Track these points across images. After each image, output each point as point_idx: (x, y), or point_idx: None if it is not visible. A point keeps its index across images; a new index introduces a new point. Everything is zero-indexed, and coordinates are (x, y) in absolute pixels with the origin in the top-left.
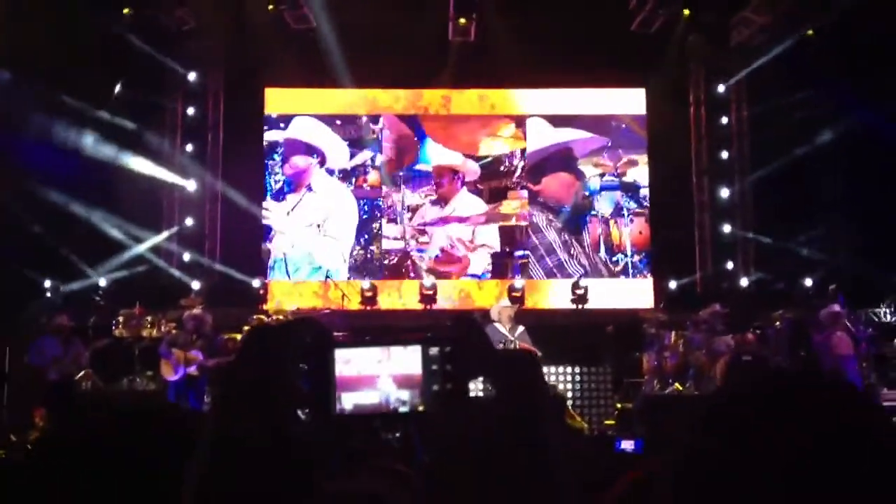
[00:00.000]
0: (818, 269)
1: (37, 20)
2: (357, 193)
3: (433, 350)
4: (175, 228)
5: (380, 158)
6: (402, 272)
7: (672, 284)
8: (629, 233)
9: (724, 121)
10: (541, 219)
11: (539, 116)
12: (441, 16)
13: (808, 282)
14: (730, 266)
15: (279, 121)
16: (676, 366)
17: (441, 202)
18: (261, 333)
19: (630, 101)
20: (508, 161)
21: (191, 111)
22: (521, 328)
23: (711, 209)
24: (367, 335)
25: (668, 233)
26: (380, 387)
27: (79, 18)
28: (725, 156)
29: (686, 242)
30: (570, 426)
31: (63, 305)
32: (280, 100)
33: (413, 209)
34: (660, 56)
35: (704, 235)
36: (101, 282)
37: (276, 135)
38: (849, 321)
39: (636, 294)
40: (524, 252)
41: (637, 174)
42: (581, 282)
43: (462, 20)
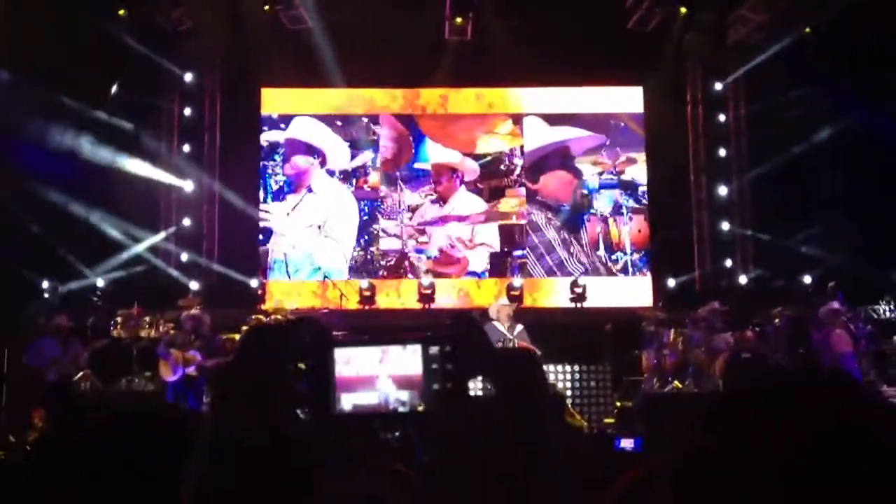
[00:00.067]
0: (817, 267)
1: (36, 20)
2: (357, 195)
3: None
4: (173, 229)
5: (378, 159)
6: (401, 272)
7: (671, 282)
8: (628, 231)
9: (722, 119)
10: (540, 217)
11: (536, 115)
12: (437, 15)
13: (807, 279)
14: (728, 264)
15: (279, 121)
16: (676, 364)
17: (440, 201)
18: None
19: (628, 100)
20: (508, 160)
21: (187, 112)
22: (520, 327)
23: (710, 207)
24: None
25: (667, 231)
26: (379, 387)
27: (77, 19)
28: (723, 154)
29: (685, 240)
30: (570, 425)
31: (61, 306)
32: (276, 100)
33: (413, 209)
34: (657, 54)
35: (703, 233)
36: (99, 282)
37: (277, 135)
38: (848, 318)
39: (635, 292)
40: (523, 251)
41: (636, 172)
42: (580, 280)
43: (458, 19)
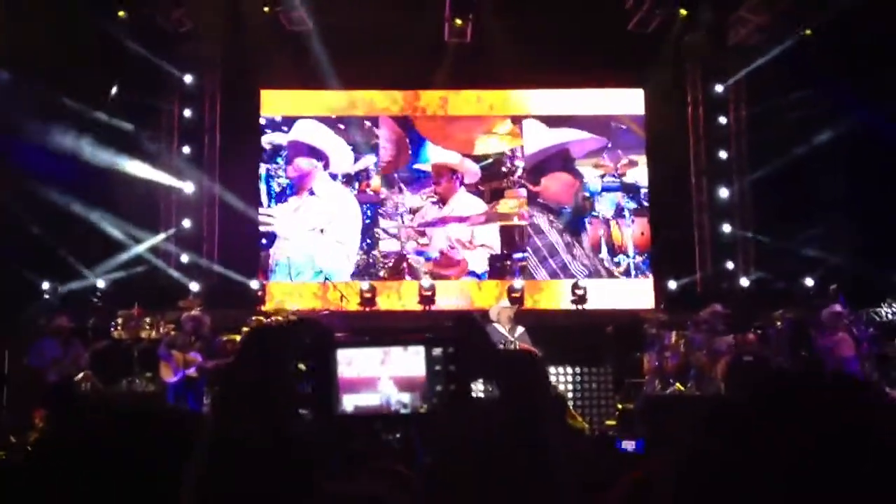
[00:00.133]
0: (818, 269)
1: (36, 20)
2: (360, 198)
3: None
4: (173, 230)
5: (379, 161)
6: (400, 272)
7: (672, 284)
8: (631, 234)
9: (723, 121)
10: (542, 220)
11: (536, 117)
12: (437, 17)
13: (809, 281)
14: (730, 266)
15: (282, 123)
16: (677, 366)
17: (440, 202)
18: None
19: (628, 102)
20: (510, 161)
21: (187, 113)
22: (521, 329)
23: (710, 209)
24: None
25: (668, 233)
26: (381, 389)
27: (77, 19)
28: (724, 156)
29: (686, 242)
30: (572, 427)
31: (62, 306)
32: (276, 101)
33: (414, 210)
34: (657, 56)
35: (704, 235)
36: (100, 283)
37: (279, 137)
38: (850, 321)
39: (636, 294)
40: (523, 254)
41: (637, 175)
42: (581, 282)
43: (458, 21)
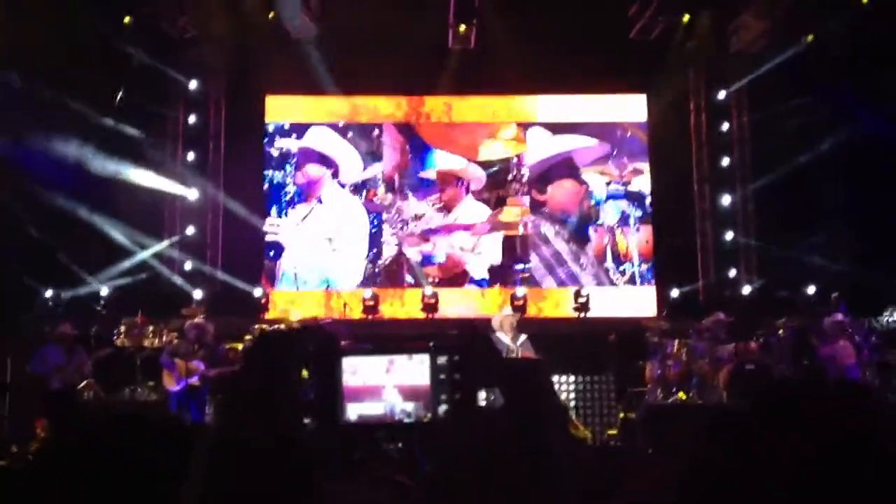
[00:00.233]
0: (821, 277)
1: (39, 26)
2: (368, 206)
3: (441, 359)
4: (177, 237)
5: (385, 168)
6: (398, 279)
7: (674, 293)
8: (636, 242)
9: (725, 127)
10: (549, 229)
11: (540, 124)
12: (441, 23)
13: (811, 289)
14: (732, 274)
15: (291, 130)
16: (680, 374)
17: (445, 210)
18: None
19: (632, 109)
20: (517, 169)
21: (192, 119)
22: (524, 337)
23: (713, 216)
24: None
25: (671, 240)
26: (385, 397)
27: (82, 25)
28: (727, 163)
29: (688, 250)
30: (574, 436)
31: (65, 313)
32: (281, 108)
33: (418, 217)
34: (660, 63)
35: (707, 243)
36: (103, 290)
37: (291, 143)
38: (851, 329)
39: (639, 302)
40: (524, 266)
41: (643, 183)
42: (583, 290)
43: (462, 27)
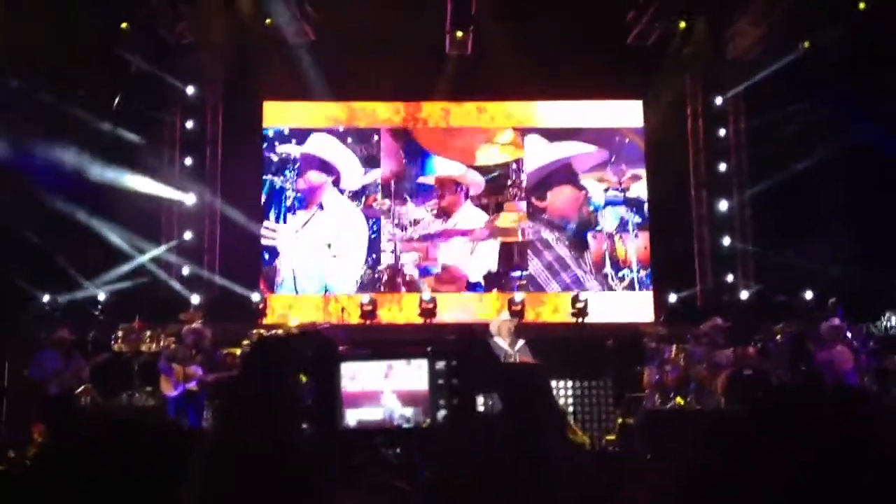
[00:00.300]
0: (818, 282)
1: (38, 31)
2: (367, 212)
3: (439, 364)
4: (174, 242)
5: (384, 173)
6: (397, 285)
7: (672, 298)
8: (634, 248)
9: (722, 133)
10: (549, 236)
11: (537, 131)
12: (439, 29)
13: (809, 294)
14: (730, 279)
15: (291, 135)
16: (678, 380)
17: (443, 215)
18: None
19: (629, 114)
20: (515, 175)
21: (189, 125)
22: (522, 342)
23: (710, 222)
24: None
25: (668, 246)
26: (384, 403)
27: (80, 31)
28: (724, 168)
29: (686, 255)
30: (572, 442)
31: (63, 316)
32: (279, 113)
33: (417, 223)
34: (657, 69)
35: (704, 248)
36: (101, 295)
37: (293, 149)
38: (850, 335)
39: (636, 307)
40: (521, 273)
41: (641, 189)
42: (581, 295)
43: (459, 33)
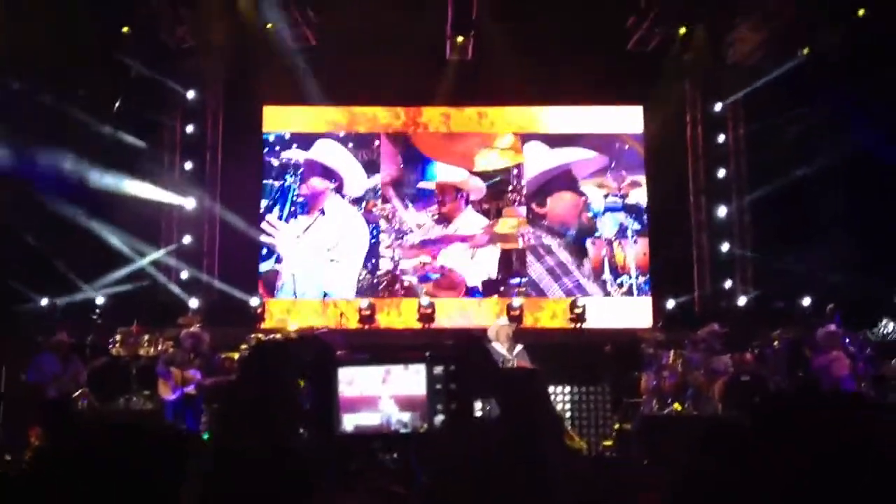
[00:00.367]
0: (817, 288)
1: (40, 35)
2: (367, 217)
3: (437, 369)
4: (173, 246)
5: (385, 179)
6: (395, 290)
7: (670, 303)
8: (633, 254)
9: (722, 139)
10: (550, 241)
11: (538, 137)
12: (439, 34)
13: (807, 301)
14: (728, 285)
15: (292, 140)
16: (675, 385)
17: (444, 221)
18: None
19: (628, 120)
20: (516, 180)
21: (190, 129)
22: (520, 347)
23: (709, 228)
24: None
25: (667, 252)
26: (381, 408)
27: (80, 33)
28: (723, 174)
29: (684, 261)
30: (569, 447)
31: (62, 317)
32: (279, 118)
33: (418, 228)
34: (657, 74)
35: (703, 254)
36: (99, 299)
37: (294, 154)
38: (847, 341)
39: (634, 313)
40: (519, 280)
41: (640, 196)
42: (579, 301)
43: (459, 38)
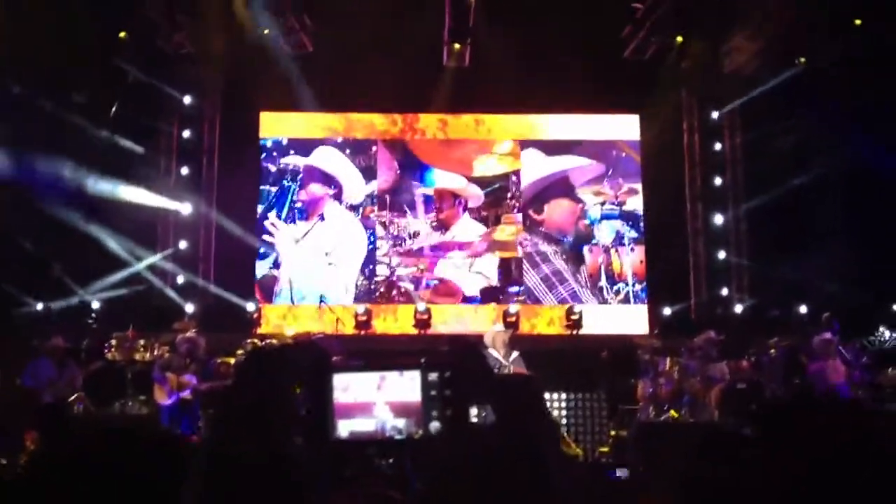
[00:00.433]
0: (813, 296)
1: (38, 39)
2: (365, 223)
3: (432, 375)
4: (169, 251)
5: (382, 185)
6: (392, 297)
7: (666, 311)
8: (630, 262)
9: (718, 147)
10: (547, 248)
11: (534, 145)
12: (436, 41)
13: (803, 309)
14: (724, 292)
15: (290, 147)
16: (671, 392)
17: (442, 228)
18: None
19: (625, 128)
20: (515, 188)
21: (186, 134)
22: (516, 353)
23: (705, 236)
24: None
25: (663, 259)
26: (376, 414)
27: (79, 37)
28: (719, 182)
29: (681, 269)
30: (566, 453)
31: (57, 319)
32: (276, 124)
33: (415, 235)
34: (653, 83)
35: (699, 262)
36: (94, 304)
37: (293, 160)
38: (843, 349)
39: (631, 320)
40: (518, 288)
41: (637, 203)
42: (576, 307)
43: (456, 45)
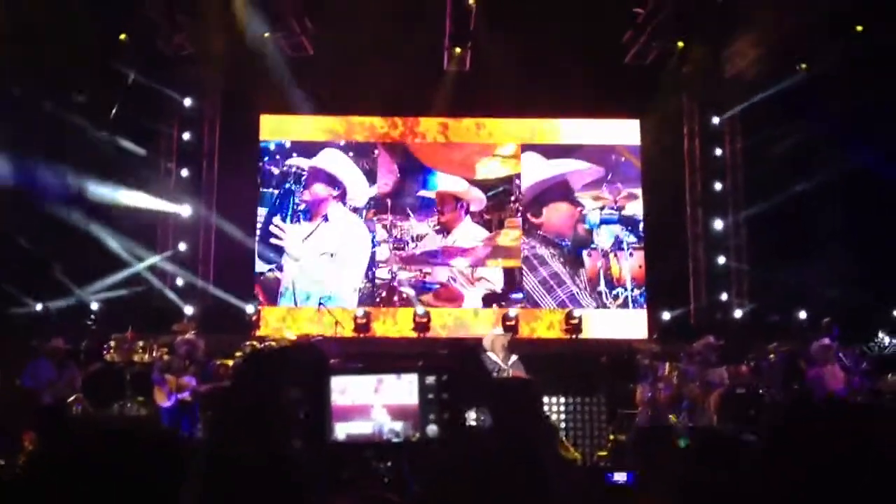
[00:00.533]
0: (813, 301)
1: (38, 41)
2: (369, 226)
3: (430, 379)
4: (169, 252)
5: (385, 188)
6: (393, 301)
7: (666, 315)
8: (629, 267)
9: (719, 152)
10: (545, 251)
11: (534, 148)
12: (437, 45)
13: (803, 314)
14: (724, 297)
15: (293, 149)
16: (670, 397)
17: (444, 231)
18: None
19: (625, 132)
20: (518, 191)
21: (186, 136)
22: (515, 357)
23: (705, 240)
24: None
25: (663, 264)
26: (374, 417)
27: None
28: (719, 187)
29: (680, 274)
30: (564, 457)
31: (56, 321)
32: (276, 126)
33: (419, 238)
34: (654, 88)
35: (699, 267)
36: (94, 305)
37: (297, 162)
38: (843, 354)
39: (630, 325)
40: (521, 295)
41: (637, 208)
42: (575, 312)
43: (457, 49)
